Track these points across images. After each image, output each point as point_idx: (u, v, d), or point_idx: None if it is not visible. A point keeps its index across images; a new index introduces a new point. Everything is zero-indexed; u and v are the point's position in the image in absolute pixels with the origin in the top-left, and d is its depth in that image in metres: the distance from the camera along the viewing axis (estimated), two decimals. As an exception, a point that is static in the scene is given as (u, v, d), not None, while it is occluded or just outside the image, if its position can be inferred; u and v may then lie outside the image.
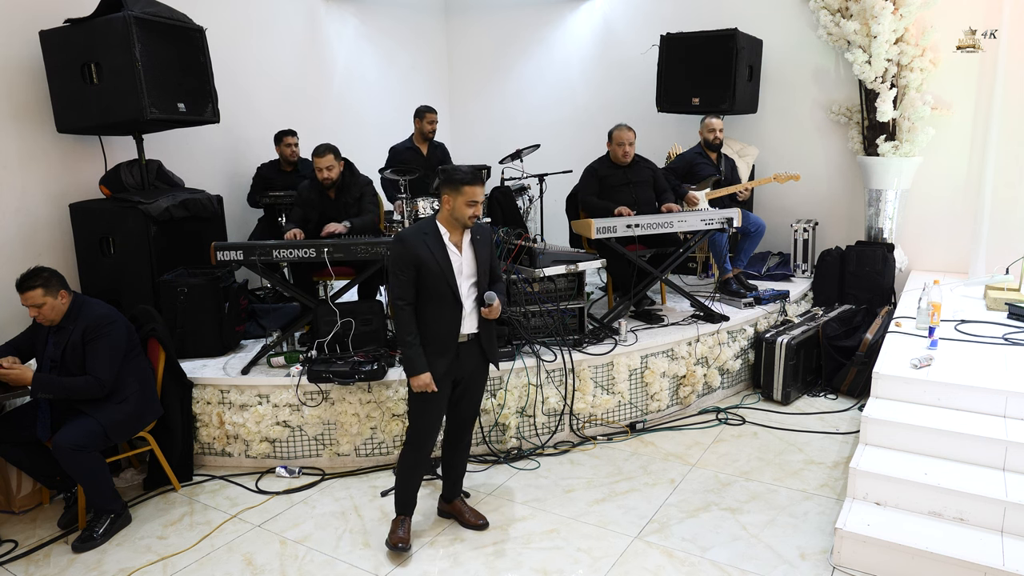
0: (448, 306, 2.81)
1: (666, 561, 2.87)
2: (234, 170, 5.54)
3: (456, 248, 2.83)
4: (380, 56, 6.97)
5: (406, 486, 2.99)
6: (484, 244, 2.92)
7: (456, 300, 2.80)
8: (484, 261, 2.89)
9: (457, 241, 2.84)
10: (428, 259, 2.75)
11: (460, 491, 3.22)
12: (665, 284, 4.93)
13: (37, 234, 4.25)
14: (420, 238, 2.79)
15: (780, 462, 3.69)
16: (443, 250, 2.79)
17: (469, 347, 2.91)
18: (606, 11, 6.68)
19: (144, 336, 3.51)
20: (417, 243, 2.77)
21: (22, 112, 4.13)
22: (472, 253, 2.86)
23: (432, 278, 2.77)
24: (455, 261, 2.81)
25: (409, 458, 2.95)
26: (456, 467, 3.15)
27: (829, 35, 5.21)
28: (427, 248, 2.76)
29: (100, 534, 3.12)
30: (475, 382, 3.00)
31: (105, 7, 3.94)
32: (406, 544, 2.95)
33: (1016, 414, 3.08)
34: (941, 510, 2.80)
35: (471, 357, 2.93)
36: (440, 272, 2.76)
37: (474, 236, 2.88)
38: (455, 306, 2.81)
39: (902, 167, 5.19)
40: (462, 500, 3.22)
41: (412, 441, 2.94)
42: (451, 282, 2.78)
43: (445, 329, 2.83)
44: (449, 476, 3.17)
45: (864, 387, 4.31)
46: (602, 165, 4.74)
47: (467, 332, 2.88)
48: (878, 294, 5.19)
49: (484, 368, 3.02)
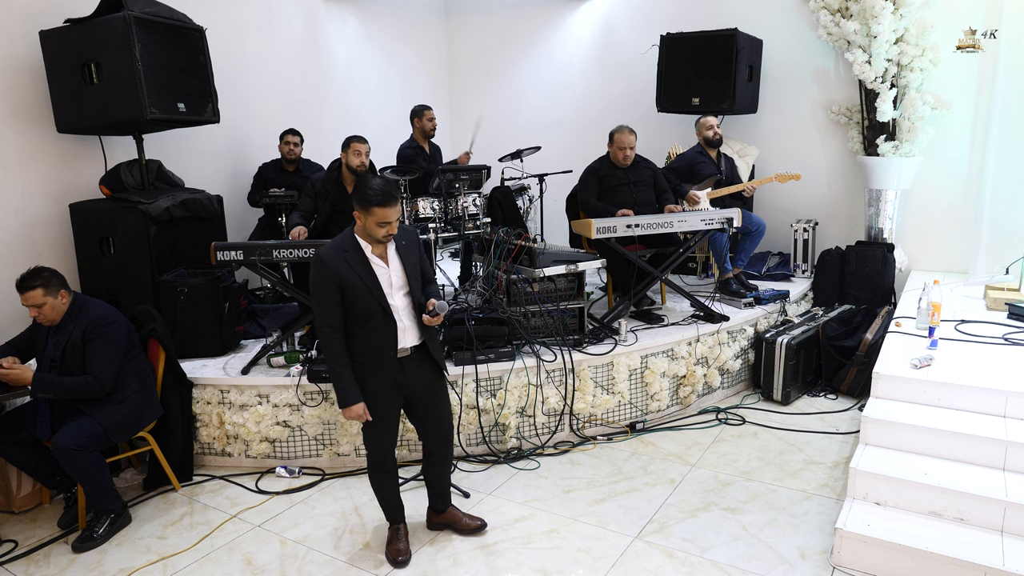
0: (380, 324, 2.63)
1: (666, 561, 2.87)
2: (234, 170, 5.54)
3: (381, 260, 2.65)
4: (380, 56, 6.97)
5: (384, 497, 2.93)
6: (411, 248, 2.74)
7: (388, 316, 2.63)
8: (414, 267, 2.72)
9: (381, 253, 2.65)
10: (351, 278, 2.57)
11: (448, 502, 3.10)
12: (665, 284, 4.93)
13: (37, 234, 4.25)
14: (340, 256, 2.59)
15: (780, 462, 3.69)
16: (366, 266, 2.61)
17: (414, 360, 2.74)
18: (606, 11, 6.69)
19: (144, 336, 3.51)
20: (337, 262, 2.58)
21: (22, 112, 4.13)
22: (399, 262, 2.68)
23: (358, 297, 2.58)
24: (382, 275, 2.63)
25: (375, 472, 2.87)
26: (439, 480, 3.02)
27: (829, 35, 5.21)
28: (348, 266, 2.57)
29: (100, 534, 3.12)
30: (429, 392, 2.83)
31: (105, 7, 3.94)
32: (406, 557, 2.90)
33: (1016, 414, 3.08)
34: (941, 510, 2.79)
35: (419, 370, 2.76)
36: (366, 290, 2.58)
37: (398, 243, 2.69)
38: (388, 323, 2.63)
39: (902, 167, 5.19)
40: (455, 508, 3.12)
41: (371, 455, 2.85)
42: (380, 299, 2.61)
43: (380, 349, 2.66)
44: (433, 488, 3.05)
45: (864, 387, 4.31)
46: (602, 165, 4.74)
47: (409, 345, 2.71)
48: (878, 294, 5.19)
49: (435, 376, 2.83)
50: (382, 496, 2.94)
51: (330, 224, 4.27)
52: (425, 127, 5.53)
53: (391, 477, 2.92)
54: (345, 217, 4.25)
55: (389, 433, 2.82)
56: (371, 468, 2.89)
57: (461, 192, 4.62)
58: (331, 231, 4.23)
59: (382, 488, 2.92)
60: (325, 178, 4.31)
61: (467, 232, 4.59)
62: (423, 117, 5.52)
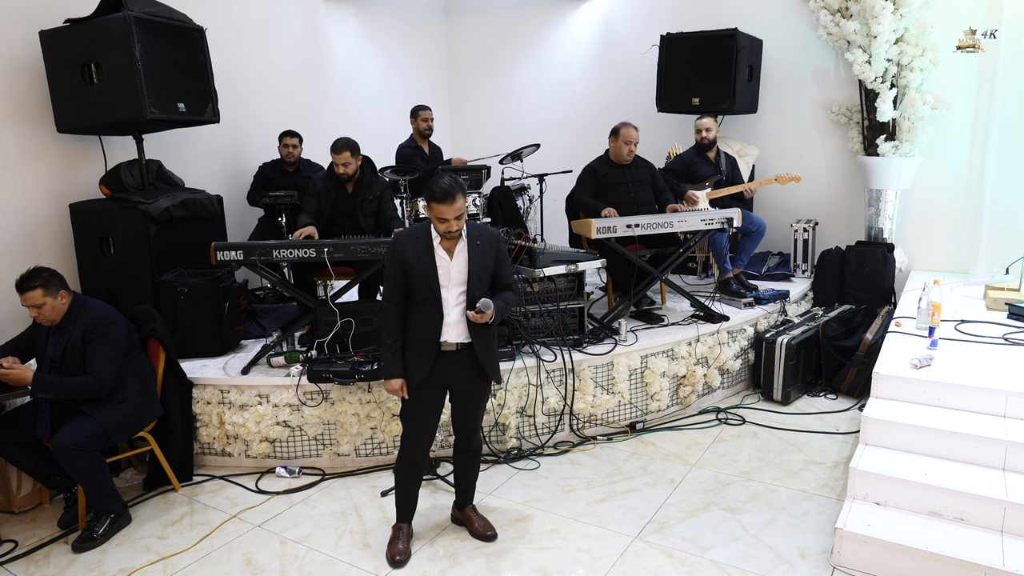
0: (429, 312, 2.72)
1: (666, 561, 2.87)
2: (234, 170, 5.54)
3: (446, 253, 2.72)
4: (380, 56, 6.97)
5: (402, 491, 2.97)
6: (486, 250, 2.78)
7: (437, 306, 2.72)
8: (481, 268, 2.75)
9: (449, 246, 2.73)
10: (414, 262, 2.69)
11: (470, 500, 3.14)
12: (665, 284, 4.93)
13: (37, 234, 4.25)
14: (411, 240, 2.73)
15: (780, 462, 3.69)
16: (430, 254, 2.71)
17: (458, 356, 2.79)
18: (606, 11, 6.69)
19: (144, 336, 3.51)
20: (407, 245, 2.72)
21: (22, 112, 4.13)
22: (466, 259, 2.73)
23: (416, 281, 2.70)
24: (442, 267, 2.71)
25: (401, 461, 2.92)
26: (462, 475, 3.09)
27: (829, 35, 5.21)
28: (414, 251, 2.70)
29: (100, 534, 3.12)
30: (468, 392, 2.88)
31: (105, 7, 3.94)
32: (404, 558, 2.90)
33: (1016, 414, 3.07)
34: (941, 510, 2.79)
35: (460, 366, 2.80)
36: (424, 276, 2.69)
37: (473, 241, 2.75)
38: (436, 313, 2.72)
39: (902, 167, 5.19)
40: (473, 509, 3.13)
41: (403, 444, 2.91)
42: (434, 288, 2.70)
43: (425, 335, 2.74)
44: (458, 484, 3.12)
45: (864, 387, 4.31)
46: (601, 164, 4.74)
47: (455, 341, 2.76)
48: (878, 294, 5.19)
49: (478, 379, 2.86)
50: (401, 487, 2.96)
51: (333, 224, 4.26)
52: (420, 127, 5.56)
53: (415, 470, 2.94)
54: (348, 218, 4.24)
55: (424, 423, 2.85)
56: (400, 453, 2.92)
57: (461, 192, 4.61)
58: (334, 231, 4.22)
59: (403, 481, 2.95)
60: (326, 177, 4.30)
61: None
62: (419, 117, 5.57)
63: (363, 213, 4.23)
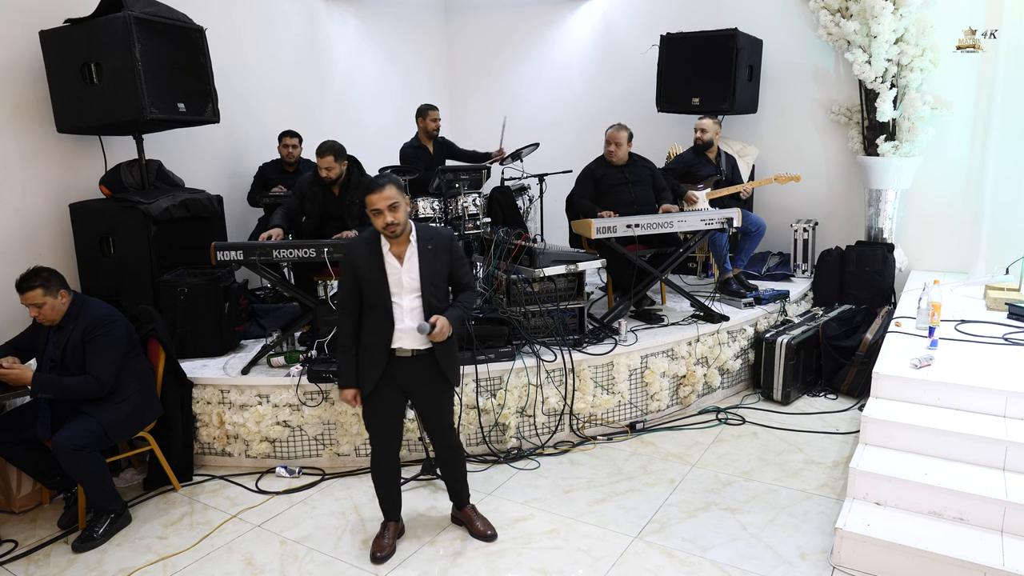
0: (380, 319, 2.70)
1: (666, 561, 2.87)
2: (234, 170, 5.54)
3: (396, 260, 2.68)
4: (380, 56, 6.97)
5: (380, 493, 2.98)
6: (439, 253, 2.73)
7: (388, 314, 2.69)
8: (434, 273, 2.71)
9: (399, 252, 2.69)
10: (363, 269, 2.68)
11: (465, 499, 3.11)
12: (665, 284, 4.93)
13: (37, 234, 4.25)
14: (361, 247, 2.71)
15: (780, 462, 3.69)
16: (379, 261, 2.67)
17: (414, 362, 2.76)
18: (606, 11, 6.68)
19: (144, 336, 3.51)
20: (358, 252, 2.70)
21: (22, 112, 4.13)
22: (416, 265, 2.69)
23: (368, 289, 2.69)
24: (391, 274, 2.68)
25: (372, 466, 2.94)
26: (448, 475, 3.07)
27: (829, 35, 5.21)
28: (364, 258, 2.68)
29: (100, 534, 3.12)
30: (427, 397, 2.85)
31: (105, 7, 3.94)
32: (384, 554, 2.91)
33: (1016, 414, 3.07)
34: (941, 510, 2.79)
35: (417, 372, 2.78)
36: (374, 284, 2.67)
37: (424, 246, 2.70)
38: (386, 320, 2.69)
39: (902, 167, 5.19)
40: (472, 509, 3.12)
41: (372, 450, 2.91)
42: (384, 296, 2.68)
43: (376, 342, 2.72)
44: (448, 484, 3.11)
45: (864, 387, 4.31)
46: (599, 165, 4.74)
47: (410, 347, 2.74)
48: (878, 294, 5.19)
49: (438, 382, 2.84)
50: (378, 489, 2.98)
51: (323, 226, 4.25)
52: (428, 127, 5.51)
53: (387, 473, 2.94)
54: (337, 220, 4.23)
55: (385, 428, 2.85)
56: (372, 462, 2.94)
57: (461, 192, 4.62)
58: (327, 232, 4.22)
59: (378, 483, 2.97)
60: (311, 180, 4.25)
61: (467, 232, 4.59)
62: (427, 117, 5.50)
63: (350, 215, 4.21)
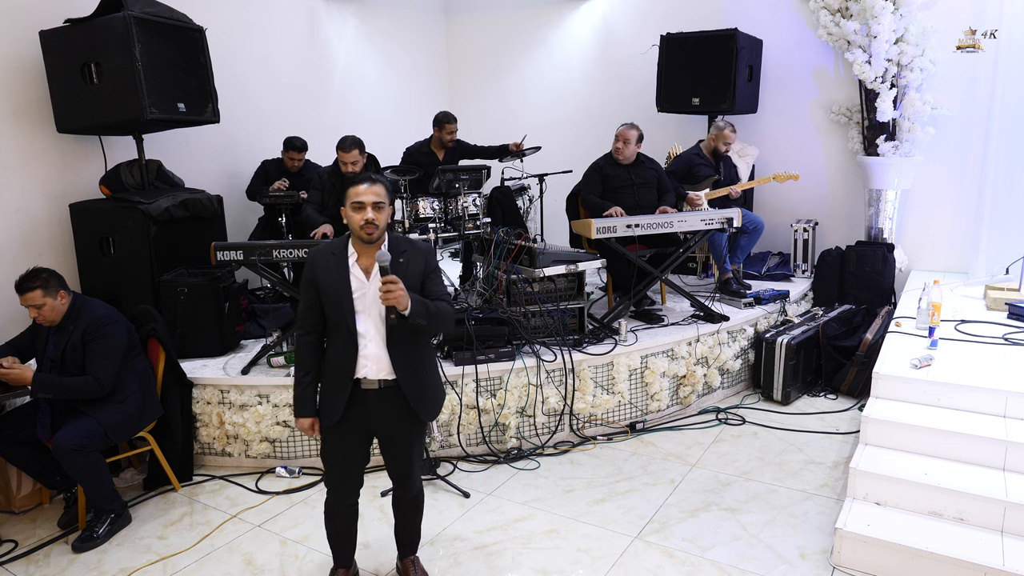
0: (342, 343, 2.33)
1: (666, 561, 2.87)
2: (234, 170, 5.54)
3: (363, 273, 2.33)
4: (380, 56, 6.97)
5: (330, 537, 2.62)
6: (412, 265, 2.36)
7: (351, 338, 2.32)
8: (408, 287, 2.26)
9: (367, 265, 2.33)
10: (326, 282, 2.32)
11: (412, 548, 2.73)
12: (665, 284, 4.93)
13: (37, 234, 4.25)
14: (325, 257, 2.35)
15: (780, 462, 3.69)
16: (344, 274, 2.32)
17: (381, 395, 2.36)
18: (606, 11, 6.68)
19: (144, 336, 3.52)
20: (321, 262, 2.34)
21: (22, 112, 4.13)
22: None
23: (329, 305, 2.33)
24: (356, 289, 2.32)
25: (326, 505, 2.56)
26: (402, 528, 2.68)
27: (829, 35, 5.21)
28: (327, 270, 2.32)
29: (100, 534, 3.12)
30: (394, 436, 2.46)
31: (105, 7, 3.94)
32: None
33: (1016, 414, 3.08)
34: (941, 510, 2.79)
35: (384, 406, 2.38)
36: (336, 300, 2.30)
37: (395, 258, 2.31)
38: (349, 344, 2.32)
39: (902, 167, 5.19)
40: (415, 561, 2.73)
41: (326, 487, 2.55)
42: (348, 314, 2.30)
43: (340, 369, 2.35)
44: (397, 537, 2.72)
45: (864, 387, 4.31)
46: (607, 163, 4.74)
47: (376, 377, 2.35)
48: (878, 294, 5.19)
49: (407, 421, 2.43)
50: (329, 536, 2.62)
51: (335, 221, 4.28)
52: (444, 138, 5.43)
53: (339, 520, 2.57)
54: None
55: (344, 457, 2.46)
56: (325, 502, 2.57)
57: (461, 192, 4.62)
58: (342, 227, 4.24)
59: (331, 529, 2.60)
60: (331, 173, 4.35)
61: (467, 232, 4.59)
62: (443, 129, 5.37)
63: None
